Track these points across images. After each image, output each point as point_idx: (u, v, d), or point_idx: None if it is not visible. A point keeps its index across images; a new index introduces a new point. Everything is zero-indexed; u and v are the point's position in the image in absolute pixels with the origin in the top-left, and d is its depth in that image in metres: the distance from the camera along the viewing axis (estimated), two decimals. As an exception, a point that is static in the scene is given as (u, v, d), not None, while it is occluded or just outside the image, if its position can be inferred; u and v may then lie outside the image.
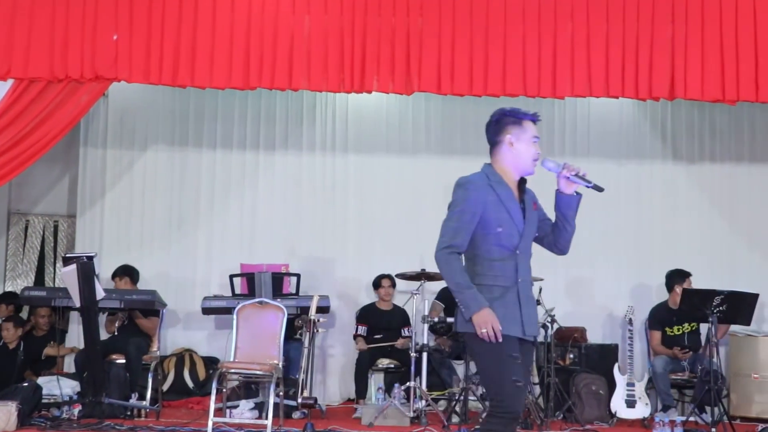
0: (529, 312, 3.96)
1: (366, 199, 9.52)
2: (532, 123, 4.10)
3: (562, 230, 4.14)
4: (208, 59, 7.29)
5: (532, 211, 4.08)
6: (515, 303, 3.91)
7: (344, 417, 7.97)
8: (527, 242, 4.03)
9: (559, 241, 4.17)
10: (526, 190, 4.12)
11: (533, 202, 4.13)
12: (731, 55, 7.30)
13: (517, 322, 3.89)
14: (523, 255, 3.98)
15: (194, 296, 8.94)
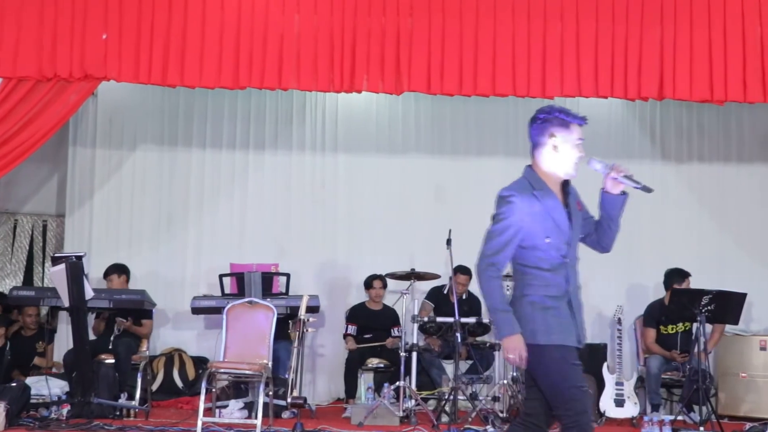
0: (580, 319, 3.89)
1: (356, 198, 9.53)
2: (578, 127, 3.97)
3: (606, 230, 4.05)
4: (197, 59, 7.28)
5: (577, 213, 3.97)
6: (568, 312, 3.82)
7: (334, 417, 7.96)
8: (575, 248, 3.94)
9: (603, 240, 4.09)
10: (569, 191, 3.99)
11: (577, 202, 4.01)
12: (719, 55, 7.34)
13: (572, 331, 3.81)
14: (572, 262, 3.89)
15: (183, 296, 8.92)
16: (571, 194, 3.97)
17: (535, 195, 3.83)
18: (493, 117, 9.52)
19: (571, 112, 3.97)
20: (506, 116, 9.53)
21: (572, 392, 3.73)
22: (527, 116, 10.05)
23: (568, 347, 3.78)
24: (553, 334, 3.77)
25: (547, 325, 3.78)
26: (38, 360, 8.66)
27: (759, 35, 7.37)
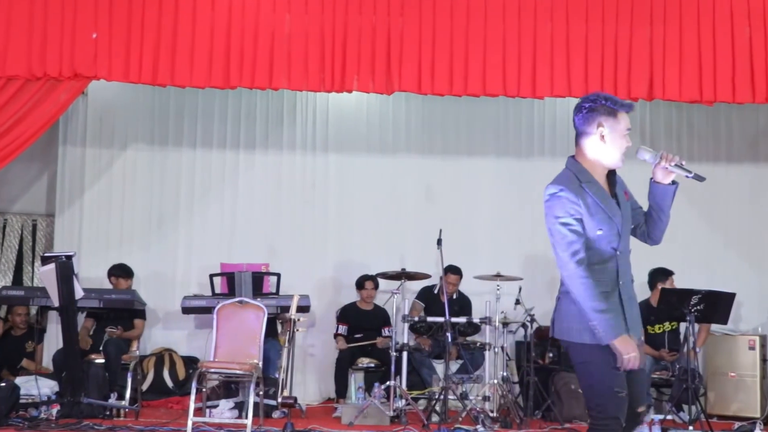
0: (632, 314, 3.72)
1: (346, 198, 9.53)
2: (626, 115, 3.76)
3: (657, 221, 3.85)
4: (188, 58, 7.28)
5: (626, 203, 3.80)
6: (618, 307, 3.67)
7: (324, 416, 7.97)
8: (626, 239, 3.78)
9: (653, 232, 3.90)
10: (616, 181, 3.82)
11: (624, 192, 3.83)
12: (708, 56, 7.38)
13: (621, 327, 3.64)
14: (623, 254, 3.73)
15: (174, 295, 8.90)
16: (617, 184, 3.82)
17: (583, 187, 3.70)
18: (483, 117, 9.53)
19: (619, 100, 3.78)
20: (497, 116, 9.55)
21: (608, 396, 3.66)
22: (517, 116, 10.21)
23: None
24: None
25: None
26: (26, 362, 8.61)
27: (748, 36, 7.40)
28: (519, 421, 7.41)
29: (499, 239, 9.39)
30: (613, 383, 3.65)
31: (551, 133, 9.65)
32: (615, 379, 3.65)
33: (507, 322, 8.06)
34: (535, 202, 9.69)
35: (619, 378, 3.65)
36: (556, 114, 9.63)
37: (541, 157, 9.62)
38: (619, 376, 3.65)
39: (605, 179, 3.79)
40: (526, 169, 9.57)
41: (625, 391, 3.64)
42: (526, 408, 7.76)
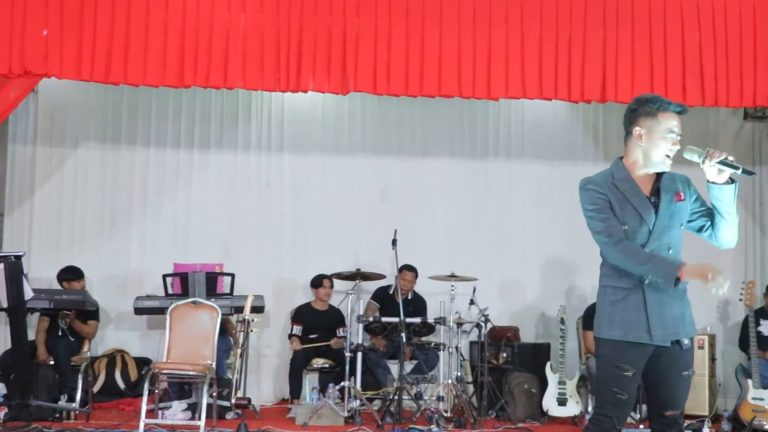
0: (661, 314, 3.66)
1: (301, 198, 9.50)
2: (671, 114, 3.72)
3: (718, 222, 3.75)
4: (141, 56, 7.21)
5: (673, 204, 3.73)
6: (639, 306, 3.65)
7: (278, 417, 7.94)
8: (662, 239, 3.70)
9: (718, 234, 3.79)
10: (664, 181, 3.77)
11: (677, 193, 3.76)
12: (660, 59, 7.48)
13: (641, 327, 3.64)
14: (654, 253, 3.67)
15: (126, 296, 8.80)
16: (665, 184, 3.76)
17: (614, 184, 3.74)
18: (438, 118, 9.56)
19: (664, 101, 3.73)
20: (452, 117, 9.59)
21: (607, 394, 3.71)
22: (472, 117, 10.26)
23: (623, 345, 3.68)
24: (615, 329, 3.70)
25: (611, 318, 3.72)
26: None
27: (698, 41, 7.52)
28: (473, 421, 7.45)
29: (454, 240, 9.43)
30: (612, 383, 3.69)
31: (506, 133, 9.71)
32: (616, 379, 3.68)
33: (461, 323, 8.09)
34: (489, 202, 9.84)
35: (622, 379, 3.66)
36: (511, 115, 9.69)
37: (496, 157, 9.68)
38: (621, 378, 3.66)
39: (650, 179, 3.79)
40: (480, 169, 9.63)
41: (626, 395, 3.65)
42: (480, 408, 7.81)
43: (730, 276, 9.57)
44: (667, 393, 3.75)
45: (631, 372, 3.66)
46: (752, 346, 7.84)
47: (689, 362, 3.75)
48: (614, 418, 3.68)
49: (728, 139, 9.88)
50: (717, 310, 9.39)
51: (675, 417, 3.75)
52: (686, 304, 3.76)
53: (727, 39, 7.54)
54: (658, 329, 3.65)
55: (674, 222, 3.73)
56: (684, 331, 3.72)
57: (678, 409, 3.75)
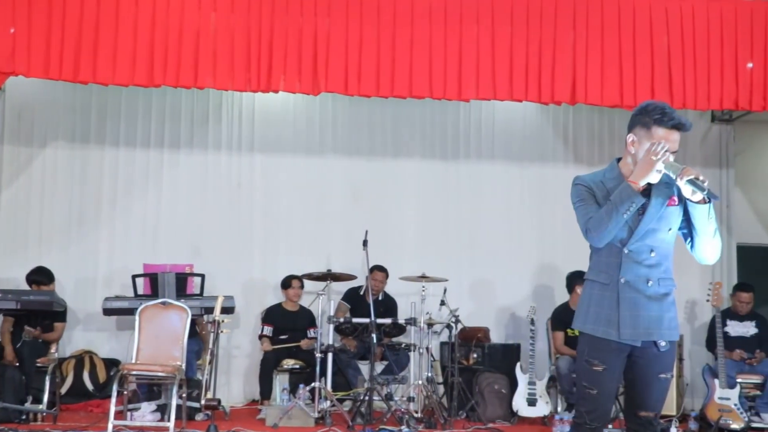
0: (634, 314, 3.67)
1: (272, 199, 9.48)
2: (665, 129, 3.66)
3: (695, 238, 3.76)
4: (111, 55, 7.15)
5: (663, 207, 3.72)
6: (612, 303, 3.69)
7: (248, 418, 7.92)
8: (645, 241, 3.71)
9: (695, 249, 3.81)
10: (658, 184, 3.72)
11: (670, 197, 3.74)
12: (629, 62, 7.54)
13: (611, 323, 3.68)
14: (634, 254, 3.70)
15: (95, 297, 8.75)
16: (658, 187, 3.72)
17: (603, 182, 3.77)
18: (409, 119, 9.58)
19: (662, 114, 3.69)
20: (422, 118, 9.61)
21: (579, 388, 3.78)
22: (443, 118, 10.28)
23: (594, 340, 3.73)
24: (588, 324, 3.77)
25: (587, 311, 3.79)
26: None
27: (666, 43, 7.59)
28: (443, 421, 7.46)
29: (425, 241, 9.45)
30: (582, 377, 3.77)
31: (477, 135, 9.75)
32: (585, 374, 3.76)
33: (432, 323, 8.11)
34: (459, 204, 9.87)
35: (591, 374, 3.73)
36: (482, 116, 9.73)
37: (467, 159, 9.71)
38: (591, 372, 3.73)
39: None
40: (451, 170, 9.66)
41: (596, 390, 3.71)
42: (451, 408, 7.83)
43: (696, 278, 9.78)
44: (642, 393, 3.78)
45: (600, 367, 3.70)
46: (719, 346, 7.93)
47: (667, 365, 3.76)
48: (584, 412, 3.74)
49: (696, 141, 9.98)
50: (684, 311, 9.49)
51: (649, 418, 3.78)
52: (667, 307, 3.75)
53: (695, 43, 7.62)
54: (628, 328, 3.68)
55: (662, 226, 3.74)
56: (659, 333, 3.71)
57: (652, 410, 3.78)
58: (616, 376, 3.76)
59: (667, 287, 3.74)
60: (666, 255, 3.77)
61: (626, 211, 3.61)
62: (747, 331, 8.42)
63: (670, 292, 3.76)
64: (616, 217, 3.62)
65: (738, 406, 7.66)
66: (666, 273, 3.76)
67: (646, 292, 3.70)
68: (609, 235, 3.68)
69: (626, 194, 3.61)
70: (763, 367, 8.14)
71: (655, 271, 3.72)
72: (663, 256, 3.75)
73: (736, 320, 8.46)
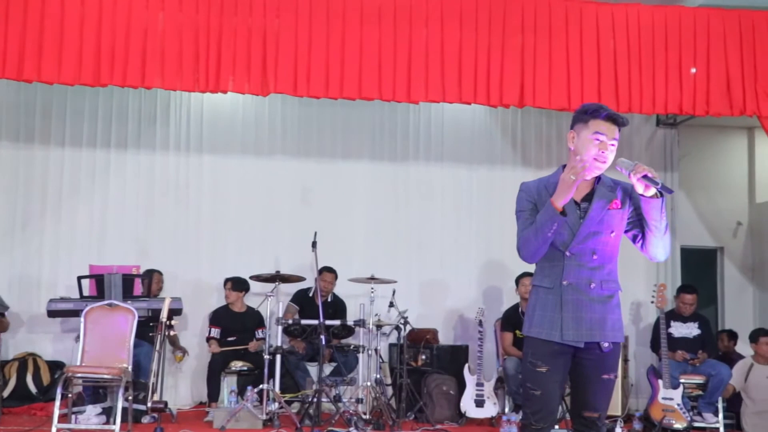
0: (577, 316, 3.71)
1: (220, 200, 9.42)
2: (601, 121, 3.72)
3: (648, 234, 3.77)
4: (56, 54, 7.05)
5: (605, 211, 3.76)
6: (555, 306, 3.74)
7: (195, 420, 7.87)
8: (586, 244, 3.74)
9: (647, 246, 3.82)
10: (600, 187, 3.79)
11: (615, 201, 3.79)
12: (576, 66, 7.64)
13: (554, 325, 3.72)
14: (576, 257, 3.73)
15: (39, 298, 8.63)
16: (600, 190, 3.79)
17: (546, 187, 3.79)
18: (359, 120, 9.60)
19: (598, 109, 3.75)
20: (372, 120, 9.63)
21: (525, 391, 3.81)
22: (393, 120, 10.29)
23: (537, 342, 3.77)
24: (534, 327, 3.79)
25: (531, 316, 3.82)
26: None
27: (612, 48, 7.70)
28: (391, 422, 7.48)
29: (374, 242, 9.47)
30: (526, 378, 3.82)
31: (426, 137, 9.80)
32: (529, 375, 3.80)
33: (381, 325, 8.12)
34: (409, 205, 9.89)
35: (534, 375, 3.76)
36: (431, 118, 9.78)
37: (416, 161, 9.75)
38: (534, 373, 3.76)
39: (587, 184, 3.81)
40: (400, 172, 9.69)
41: (539, 391, 3.74)
42: (399, 410, 7.85)
43: (641, 280, 9.91)
44: (586, 394, 3.81)
45: (544, 368, 3.74)
46: (663, 347, 8.04)
47: (611, 366, 3.79)
48: (530, 413, 3.78)
49: (642, 144, 10.16)
50: (630, 313, 9.63)
51: (593, 419, 3.80)
52: (611, 309, 3.77)
53: (641, 48, 7.74)
54: (571, 330, 3.72)
55: (604, 229, 3.77)
56: (602, 335, 3.73)
57: (596, 411, 3.80)
58: (559, 377, 3.80)
59: (611, 289, 3.78)
60: (609, 258, 3.81)
61: (550, 231, 3.67)
62: (690, 333, 8.56)
63: (614, 294, 3.80)
64: (542, 237, 3.69)
65: (681, 406, 7.79)
66: (610, 275, 3.80)
67: (588, 294, 3.74)
68: (537, 254, 3.76)
69: (548, 215, 3.66)
70: (706, 367, 8.27)
71: (597, 274, 3.76)
72: (606, 258, 3.79)
73: (680, 321, 8.60)
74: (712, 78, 7.78)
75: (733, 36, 7.84)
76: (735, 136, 10.94)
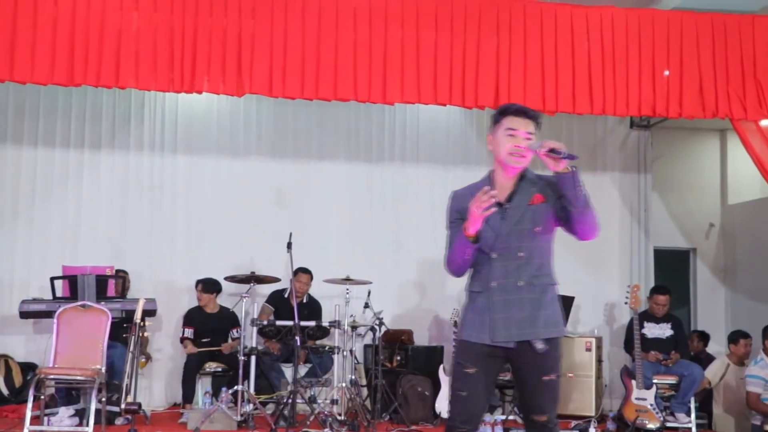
0: (507, 316, 3.68)
1: (195, 200, 9.38)
2: (512, 117, 3.78)
3: (570, 213, 3.69)
4: (29, 53, 6.99)
5: (525, 207, 3.76)
6: (484, 308, 3.72)
7: (169, 422, 7.84)
8: (510, 242, 3.72)
9: (573, 226, 3.74)
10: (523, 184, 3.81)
11: (536, 195, 3.78)
12: (551, 67, 7.68)
13: (483, 327, 3.71)
14: (502, 257, 3.71)
15: (11, 299, 8.55)
16: (522, 187, 3.81)
17: (473, 194, 3.72)
18: (334, 121, 9.59)
19: (507, 105, 3.87)
20: (347, 121, 9.63)
21: (452, 392, 3.79)
22: (368, 121, 10.29)
23: (467, 344, 3.76)
24: (464, 330, 3.80)
25: (463, 320, 3.84)
26: None
27: (587, 50, 7.75)
28: (366, 423, 7.48)
29: (349, 243, 9.46)
30: (454, 379, 3.80)
31: (401, 138, 9.81)
32: (457, 376, 3.78)
33: (356, 326, 8.13)
34: (384, 206, 9.90)
35: (462, 376, 3.74)
36: (406, 119, 9.79)
37: (391, 162, 9.76)
38: (462, 374, 3.74)
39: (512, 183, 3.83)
40: (375, 173, 9.70)
41: (465, 392, 3.72)
42: (374, 411, 7.86)
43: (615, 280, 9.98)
44: (530, 397, 3.77)
45: (472, 369, 3.72)
46: (636, 347, 8.09)
47: (551, 367, 3.73)
48: (455, 414, 3.76)
49: (615, 146, 10.23)
50: (603, 313, 9.69)
51: (543, 422, 3.74)
52: (542, 305, 3.73)
53: (614, 50, 7.79)
54: (501, 330, 3.70)
55: (527, 225, 3.75)
56: (534, 333, 3.69)
57: (544, 413, 3.74)
58: (488, 380, 3.77)
59: (542, 285, 3.75)
60: (538, 253, 3.78)
61: (466, 255, 3.71)
62: (663, 333, 8.62)
63: (547, 290, 3.76)
64: (460, 260, 3.75)
65: (654, 406, 7.84)
66: (540, 271, 3.76)
67: (517, 293, 3.72)
68: (461, 271, 3.81)
69: (461, 241, 3.69)
70: (678, 368, 8.33)
71: (525, 271, 3.73)
72: (534, 254, 3.76)
73: (653, 322, 8.65)
74: (685, 80, 7.85)
75: (706, 39, 7.91)
76: (707, 138, 11.04)
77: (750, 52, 7.93)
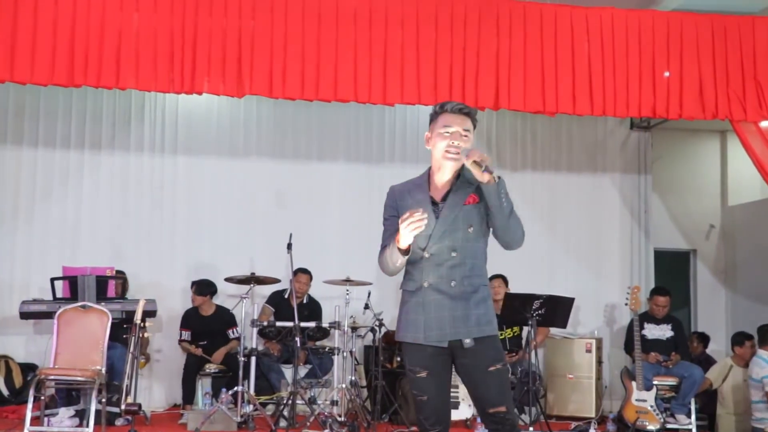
0: (439, 315, 3.70)
1: (195, 201, 9.39)
2: (449, 114, 3.79)
3: (493, 221, 3.73)
4: (29, 54, 6.98)
5: (459, 207, 3.75)
6: (418, 308, 3.74)
7: (170, 423, 7.85)
8: (443, 242, 3.72)
9: (496, 234, 3.78)
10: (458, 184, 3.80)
11: (470, 195, 3.77)
12: (551, 69, 7.67)
13: (418, 327, 3.73)
14: (436, 258, 3.73)
15: (12, 300, 8.54)
16: (458, 187, 3.80)
17: (410, 191, 3.82)
18: (334, 122, 9.59)
19: (444, 103, 3.86)
20: (347, 122, 9.63)
21: (413, 398, 3.79)
22: (368, 122, 10.29)
23: (408, 347, 3.77)
24: (401, 331, 3.81)
25: (400, 320, 3.84)
26: None
27: (587, 52, 7.74)
28: (366, 425, 7.48)
29: (349, 244, 9.45)
30: (412, 386, 3.80)
31: (401, 139, 9.81)
32: (412, 382, 3.79)
33: (356, 327, 8.13)
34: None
35: (416, 381, 3.76)
36: (407, 121, 9.79)
37: (391, 163, 9.76)
38: (415, 380, 3.75)
39: (449, 183, 3.83)
40: (375, 174, 9.68)
41: (425, 396, 3.73)
42: (374, 412, 7.86)
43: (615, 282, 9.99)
44: (479, 391, 3.77)
45: (423, 373, 3.73)
46: (636, 349, 8.09)
47: (495, 357, 3.73)
48: (422, 419, 3.77)
49: (616, 147, 10.23)
50: (604, 315, 9.69)
51: (501, 414, 3.72)
52: (474, 305, 3.73)
53: (614, 51, 7.78)
54: (434, 330, 3.71)
55: (459, 225, 3.74)
56: (466, 332, 3.70)
57: (498, 405, 3.73)
58: (442, 379, 3.78)
59: (474, 285, 3.74)
60: (472, 254, 3.77)
61: (398, 263, 3.73)
62: (663, 334, 8.62)
63: (478, 289, 3.76)
64: (392, 266, 3.77)
65: (654, 407, 7.84)
66: (472, 271, 3.76)
67: (449, 292, 3.72)
68: (392, 274, 3.84)
69: (393, 252, 3.70)
70: (679, 369, 8.33)
71: (458, 271, 3.73)
72: (468, 254, 3.75)
73: (653, 323, 8.65)
74: (685, 82, 7.84)
75: (706, 40, 7.90)
76: (707, 139, 11.05)
77: (750, 53, 7.92)
